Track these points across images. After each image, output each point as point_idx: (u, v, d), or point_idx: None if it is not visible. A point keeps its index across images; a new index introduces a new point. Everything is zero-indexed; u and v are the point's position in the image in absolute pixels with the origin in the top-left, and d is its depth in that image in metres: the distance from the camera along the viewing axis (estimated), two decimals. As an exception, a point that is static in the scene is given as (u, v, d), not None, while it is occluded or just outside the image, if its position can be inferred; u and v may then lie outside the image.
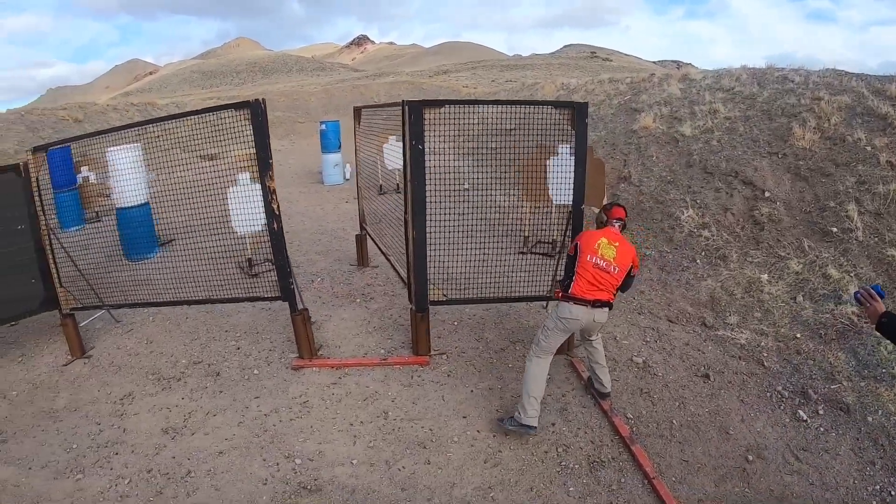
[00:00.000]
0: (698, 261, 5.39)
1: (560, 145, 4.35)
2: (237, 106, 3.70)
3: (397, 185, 6.61)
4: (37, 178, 4.23)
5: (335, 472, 3.08)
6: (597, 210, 3.75)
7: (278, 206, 3.76)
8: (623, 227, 3.49)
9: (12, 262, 4.24)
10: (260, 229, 5.03)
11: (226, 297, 4.18)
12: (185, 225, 4.45)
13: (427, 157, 3.73)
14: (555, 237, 5.48)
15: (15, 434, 3.50)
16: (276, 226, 3.76)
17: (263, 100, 3.70)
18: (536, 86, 17.11)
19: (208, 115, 3.91)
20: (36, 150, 4.28)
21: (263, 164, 3.67)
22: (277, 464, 3.15)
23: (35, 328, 4.82)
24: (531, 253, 5.87)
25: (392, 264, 4.78)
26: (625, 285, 3.39)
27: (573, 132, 3.84)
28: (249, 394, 3.76)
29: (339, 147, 11.54)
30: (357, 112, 6.13)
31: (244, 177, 5.06)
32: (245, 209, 4.78)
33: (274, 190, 3.73)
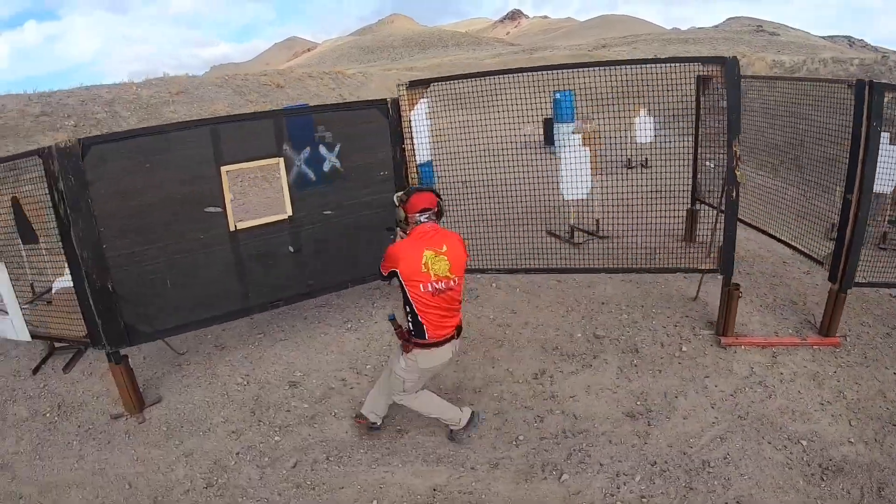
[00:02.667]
0: None
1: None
2: (707, 60, 3.24)
3: (645, 159, 6.11)
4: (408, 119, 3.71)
5: (843, 451, 3.00)
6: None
7: (742, 174, 3.41)
8: (439, 215, 2.71)
9: (375, 215, 3.80)
10: (585, 196, 4.72)
11: (654, 266, 3.93)
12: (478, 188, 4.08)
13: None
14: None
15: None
16: (734, 193, 3.44)
17: (735, 57, 3.25)
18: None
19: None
20: (413, 84, 3.70)
21: (734, 127, 3.28)
22: (785, 446, 3.06)
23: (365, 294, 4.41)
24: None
25: (786, 242, 4.38)
26: None
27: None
28: (695, 372, 3.60)
29: (574, 117, 10.81)
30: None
31: (576, 139, 4.63)
32: (579, 174, 4.45)
33: (739, 156, 3.36)
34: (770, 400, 3.38)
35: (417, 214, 2.63)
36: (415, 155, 3.81)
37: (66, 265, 3.37)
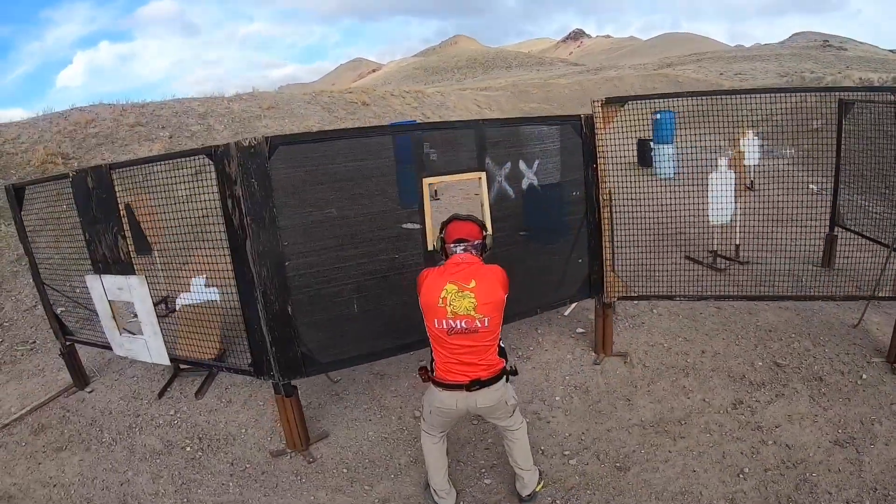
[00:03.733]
0: None
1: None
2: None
3: (751, 182, 5.94)
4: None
5: None
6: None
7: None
8: (482, 249, 2.49)
9: (562, 235, 3.48)
10: (729, 220, 4.56)
11: (834, 294, 3.66)
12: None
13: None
14: None
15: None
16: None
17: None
18: (823, 80, 15.70)
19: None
20: (609, 101, 3.37)
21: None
22: None
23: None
24: None
25: None
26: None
27: None
28: (881, 400, 3.37)
29: (673, 138, 10.41)
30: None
31: (723, 163, 4.41)
32: (722, 197, 4.29)
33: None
34: None
35: (453, 245, 2.42)
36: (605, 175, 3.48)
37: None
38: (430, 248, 3.11)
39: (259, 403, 3.67)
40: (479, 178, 3.21)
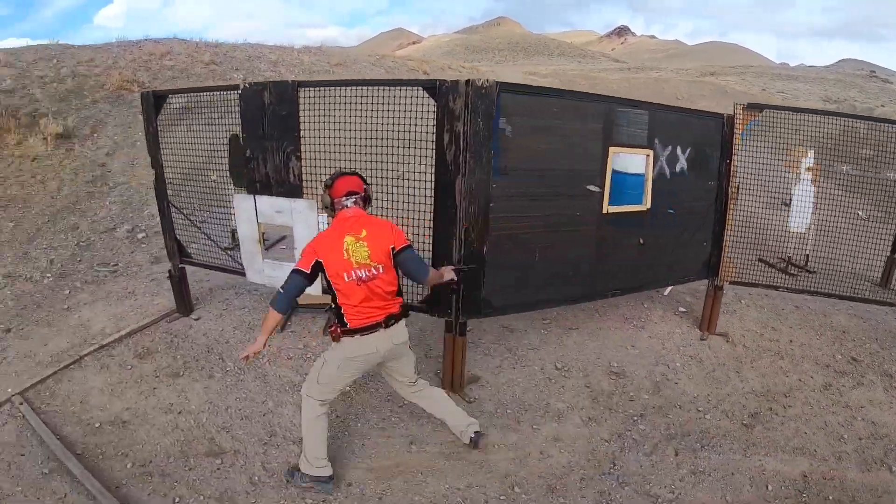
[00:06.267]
0: None
1: None
2: None
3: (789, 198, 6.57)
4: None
5: None
6: None
7: None
8: (366, 201, 2.56)
9: (694, 218, 3.80)
10: (804, 229, 5.09)
11: None
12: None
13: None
14: None
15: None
16: None
17: None
18: (874, 111, 15.87)
19: None
20: (750, 106, 3.73)
21: None
22: None
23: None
24: None
25: None
26: (412, 273, 2.56)
27: None
28: None
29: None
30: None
31: (807, 176, 4.94)
32: (803, 207, 4.83)
33: None
34: None
35: (343, 198, 2.46)
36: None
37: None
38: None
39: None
40: (648, 154, 3.46)
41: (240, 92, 3.29)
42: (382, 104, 3.05)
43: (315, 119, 3.21)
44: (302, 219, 3.24)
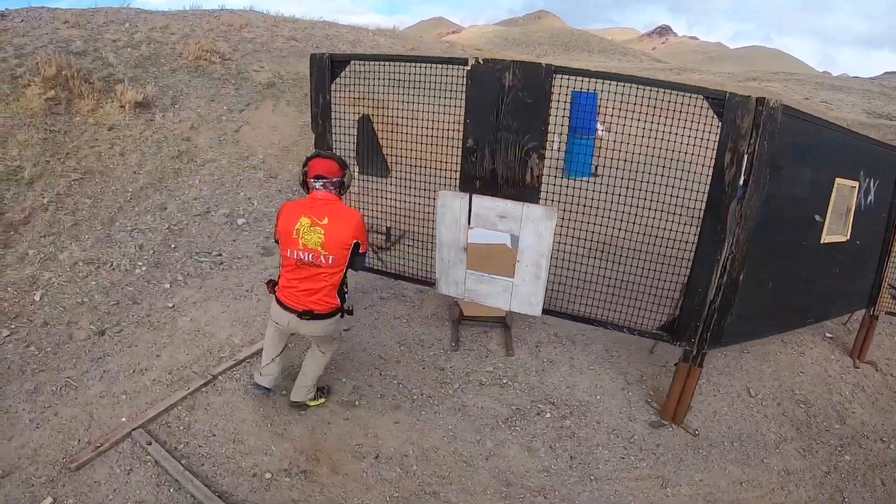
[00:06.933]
0: None
1: None
2: None
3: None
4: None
5: None
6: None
7: None
8: (339, 187, 2.54)
9: (866, 249, 3.81)
10: None
11: None
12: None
13: None
14: None
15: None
16: None
17: None
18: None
19: None
20: None
21: None
22: None
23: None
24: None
25: None
26: (352, 264, 2.55)
27: None
28: None
29: None
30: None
31: None
32: None
33: None
34: None
35: (312, 180, 2.49)
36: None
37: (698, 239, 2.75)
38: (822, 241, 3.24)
39: (592, 367, 3.44)
40: (854, 186, 3.40)
41: (468, 69, 2.85)
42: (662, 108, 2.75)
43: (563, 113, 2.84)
44: (533, 228, 2.89)
